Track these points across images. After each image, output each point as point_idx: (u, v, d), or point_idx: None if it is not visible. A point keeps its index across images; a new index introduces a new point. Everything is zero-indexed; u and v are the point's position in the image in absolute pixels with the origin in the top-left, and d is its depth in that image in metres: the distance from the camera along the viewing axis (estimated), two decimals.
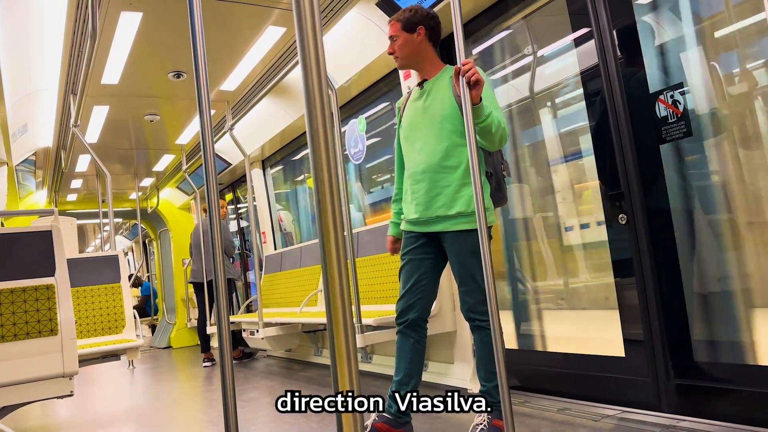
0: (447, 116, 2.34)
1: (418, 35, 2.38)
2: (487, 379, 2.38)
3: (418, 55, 2.41)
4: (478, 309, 2.34)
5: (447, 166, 2.34)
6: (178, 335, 8.46)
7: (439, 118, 2.36)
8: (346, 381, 0.87)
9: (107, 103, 4.79)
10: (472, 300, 2.36)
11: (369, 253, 4.10)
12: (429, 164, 2.37)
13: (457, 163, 2.34)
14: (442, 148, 2.34)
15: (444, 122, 2.35)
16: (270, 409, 3.44)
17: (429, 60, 2.43)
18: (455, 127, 2.33)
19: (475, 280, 2.35)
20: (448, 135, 2.34)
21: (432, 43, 2.43)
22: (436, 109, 2.37)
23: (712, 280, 2.40)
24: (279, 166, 6.48)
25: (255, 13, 3.52)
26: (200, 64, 1.27)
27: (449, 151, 2.34)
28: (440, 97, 2.37)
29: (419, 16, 2.39)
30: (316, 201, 0.89)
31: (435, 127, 2.37)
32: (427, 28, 2.39)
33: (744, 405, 2.20)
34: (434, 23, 2.42)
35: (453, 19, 1.81)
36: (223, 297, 1.27)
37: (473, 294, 2.35)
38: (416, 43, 2.39)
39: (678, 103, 2.38)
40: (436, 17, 2.43)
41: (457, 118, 2.33)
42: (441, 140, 2.35)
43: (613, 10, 2.62)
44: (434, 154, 2.36)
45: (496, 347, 1.71)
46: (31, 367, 2.51)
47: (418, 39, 2.39)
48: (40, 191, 7.76)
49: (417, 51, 2.40)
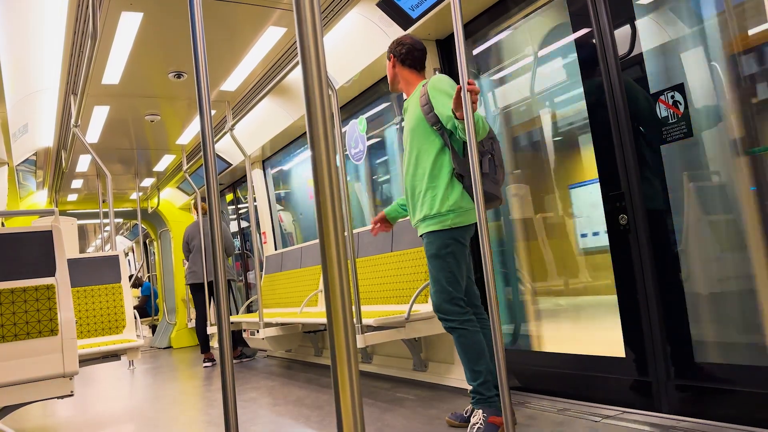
0: (414, 128, 2.60)
1: (391, 63, 2.75)
2: (473, 378, 2.48)
3: (396, 78, 2.76)
4: (443, 308, 2.51)
5: (418, 174, 2.59)
6: (179, 335, 8.46)
7: (411, 132, 2.62)
8: (347, 381, 0.87)
9: (108, 104, 4.79)
10: (436, 300, 2.53)
11: (369, 253, 4.10)
12: (408, 174, 2.64)
13: (423, 170, 2.57)
14: (414, 157, 2.60)
15: (413, 134, 2.61)
16: (270, 410, 3.44)
17: (406, 81, 2.74)
18: (419, 134, 2.58)
19: (438, 281, 2.52)
20: (416, 145, 2.60)
21: (408, 66, 2.72)
22: (409, 124, 2.64)
23: (713, 280, 2.40)
24: (279, 166, 6.48)
25: (255, 14, 3.52)
26: (201, 64, 1.27)
27: (418, 159, 2.59)
28: (411, 113, 2.63)
29: (391, 47, 2.75)
30: (316, 201, 0.89)
31: (409, 141, 2.63)
32: (396, 55, 2.72)
33: (744, 406, 2.20)
34: (405, 50, 2.70)
35: (453, 20, 1.81)
36: (224, 297, 1.27)
37: (438, 294, 2.52)
38: (391, 69, 2.76)
39: (678, 103, 2.38)
40: (406, 44, 2.71)
41: (421, 126, 2.57)
42: (413, 150, 2.61)
43: (613, 11, 2.62)
44: (410, 164, 2.62)
45: (496, 347, 1.72)
46: (32, 367, 2.51)
47: (391, 65, 2.75)
48: (41, 191, 7.75)
49: (394, 75, 2.76)
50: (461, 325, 2.47)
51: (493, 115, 3.48)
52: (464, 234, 2.53)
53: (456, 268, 2.50)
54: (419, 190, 2.57)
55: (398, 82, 2.76)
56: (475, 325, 2.48)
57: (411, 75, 2.72)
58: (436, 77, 2.57)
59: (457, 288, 2.50)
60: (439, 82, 2.51)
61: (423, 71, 2.75)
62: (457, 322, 2.48)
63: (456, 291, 2.50)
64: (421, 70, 2.74)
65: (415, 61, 2.71)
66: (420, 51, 2.72)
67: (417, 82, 2.71)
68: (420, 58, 2.72)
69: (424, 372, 3.75)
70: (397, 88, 2.80)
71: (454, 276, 2.50)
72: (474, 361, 2.46)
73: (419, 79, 2.72)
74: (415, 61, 2.71)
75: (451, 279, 2.49)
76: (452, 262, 2.50)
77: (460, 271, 2.52)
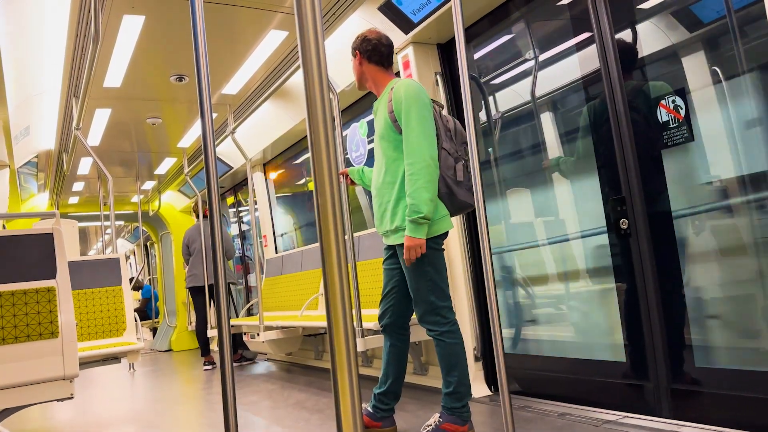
0: (383, 134, 2.52)
1: (356, 59, 2.64)
2: (444, 385, 2.50)
3: (363, 77, 2.66)
4: (426, 319, 2.49)
5: (387, 182, 2.52)
6: (179, 338, 8.45)
7: (379, 138, 2.58)
8: (347, 385, 0.87)
9: (109, 106, 4.80)
10: (419, 311, 2.52)
11: (369, 257, 4.10)
12: (376, 182, 2.59)
13: (393, 179, 2.50)
14: (382, 165, 2.54)
15: (381, 141, 2.54)
16: (270, 413, 3.43)
17: (373, 80, 2.64)
18: (390, 143, 2.50)
19: (419, 292, 2.49)
20: (384, 152, 2.53)
21: (374, 63, 2.61)
22: (378, 130, 2.57)
23: (714, 285, 2.40)
24: (280, 169, 6.49)
25: (257, 17, 3.53)
26: (202, 67, 1.27)
27: (387, 168, 2.52)
28: (380, 119, 2.56)
29: (356, 42, 2.64)
30: (316, 205, 0.89)
31: (378, 146, 2.57)
32: (362, 52, 2.61)
33: (745, 411, 2.19)
34: (371, 46, 2.60)
35: (454, 24, 1.81)
36: (224, 300, 1.27)
37: (420, 305, 2.50)
38: (357, 67, 2.65)
39: (679, 108, 2.38)
40: (372, 40, 2.60)
41: (390, 133, 2.49)
42: (381, 158, 2.55)
43: (614, 15, 2.62)
44: (378, 172, 2.57)
45: (496, 351, 1.71)
46: (32, 369, 2.51)
47: (357, 63, 2.64)
48: (42, 194, 7.76)
49: (361, 73, 2.65)
50: (440, 336, 2.47)
51: (494, 119, 3.48)
52: (439, 240, 2.49)
53: (436, 275, 2.46)
54: (387, 200, 2.52)
55: (366, 80, 2.65)
56: (453, 337, 2.47)
57: (378, 73, 2.62)
58: (405, 85, 2.46)
59: (441, 296, 2.47)
60: (407, 98, 2.41)
61: (390, 68, 2.66)
62: (436, 332, 2.48)
63: (439, 299, 2.46)
64: (388, 66, 2.64)
65: (383, 57, 2.61)
66: (387, 47, 2.62)
67: (385, 82, 2.62)
68: (387, 54, 2.62)
69: (424, 376, 3.74)
70: (364, 87, 2.69)
71: (435, 284, 2.46)
72: (446, 370, 2.48)
73: (387, 77, 2.63)
74: (383, 57, 2.61)
75: (431, 287, 2.46)
76: (431, 270, 2.45)
77: (441, 276, 2.48)
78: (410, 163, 2.37)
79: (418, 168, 2.35)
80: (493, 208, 3.45)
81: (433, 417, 2.52)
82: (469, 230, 3.48)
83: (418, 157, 2.36)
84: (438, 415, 2.49)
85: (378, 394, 2.66)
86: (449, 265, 3.00)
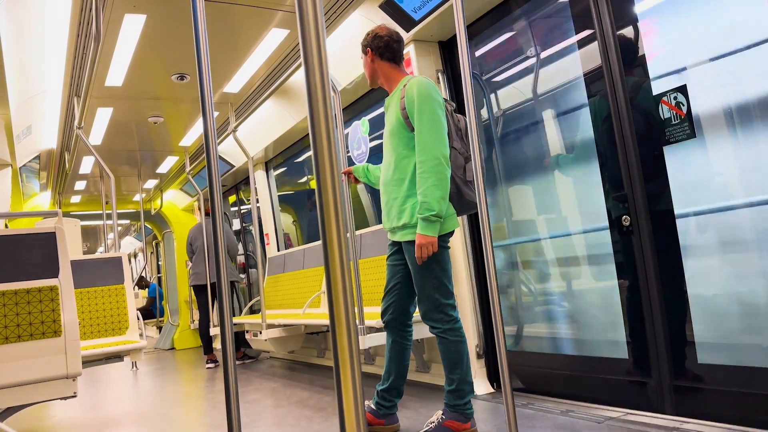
0: (394, 131, 2.53)
1: (368, 57, 2.64)
2: (447, 383, 2.52)
3: (375, 74, 2.66)
4: (430, 317, 2.51)
5: (396, 179, 2.53)
6: (182, 336, 8.47)
7: (389, 134, 2.56)
8: (349, 383, 0.87)
9: (111, 105, 4.81)
10: (423, 308, 2.53)
11: (372, 254, 4.10)
12: (385, 178, 2.60)
13: (402, 176, 2.51)
14: (392, 162, 2.57)
15: (392, 137, 2.54)
16: (273, 411, 3.44)
17: (386, 76, 2.65)
18: (400, 140, 2.51)
19: (424, 290, 2.50)
20: (395, 149, 2.53)
21: (387, 60, 2.62)
22: (389, 126, 2.58)
23: (716, 281, 2.39)
24: (282, 167, 6.49)
25: (258, 15, 3.53)
26: (204, 66, 1.28)
27: (397, 165, 2.53)
28: (391, 115, 2.56)
29: (367, 40, 2.64)
30: (318, 203, 0.89)
31: (388, 143, 2.58)
32: (374, 49, 2.62)
33: (748, 407, 2.19)
34: (382, 43, 2.60)
35: (456, 22, 1.81)
36: (226, 298, 1.28)
37: (424, 302, 2.51)
38: (369, 64, 2.65)
39: (681, 104, 2.37)
40: (383, 37, 2.61)
41: (401, 130, 2.50)
42: (391, 155, 2.55)
43: (615, 12, 2.62)
44: (388, 168, 2.58)
45: (499, 349, 1.71)
46: (35, 368, 2.51)
47: (369, 60, 2.65)
48: (44, 193, 7.78)
49: (372, 70, 2.66)
50: (443, 334, 2.49)
51: (496, 116, 3.48)
52: (446, 238, 2.51)
53: (441, 273, 2.48)
54: (395, 196, 2.53)
55: (378, 77, 2.66)
56: (456, 334, 2.48)
57: (390, 69, 2.63)
58: (418, 83, 2.46)
59: (445, 293, 2.48)
60: (420, 97, 2.42)
61: (402, 64, 2.67)
62: (439, 330, 2.49)
63: (443, 297, 2.48)
64: (400, 63, 2.65)
65: (394, 53, 2.62)
66: (398, 43, 2.62)
67: (398, 78, 2.63)
68: (398, 50, 2.63)
69: (426, 373, 3.75)
70: (376, 83, 2.70)
71: (440, 281, 2.48)
72: (449, 368, 2.50)
73: (400, 73, 2.64)
74: (394, 53, 2.62)
75: (436, 285, 2.48)
76: (437, 268, 2.47)
77: (446, 274, 2.50)
78: (422, 160, 2.38)
79: (430, 166, 2.37)
80: (494, 205, 3.45)
81: (435, 414, 2.53)
82: (471, 227, 3.48)
83: (430, 155, 2.37)
84: (440, 413, 2.50)
85: (381, 390, 2.67)
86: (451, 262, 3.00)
